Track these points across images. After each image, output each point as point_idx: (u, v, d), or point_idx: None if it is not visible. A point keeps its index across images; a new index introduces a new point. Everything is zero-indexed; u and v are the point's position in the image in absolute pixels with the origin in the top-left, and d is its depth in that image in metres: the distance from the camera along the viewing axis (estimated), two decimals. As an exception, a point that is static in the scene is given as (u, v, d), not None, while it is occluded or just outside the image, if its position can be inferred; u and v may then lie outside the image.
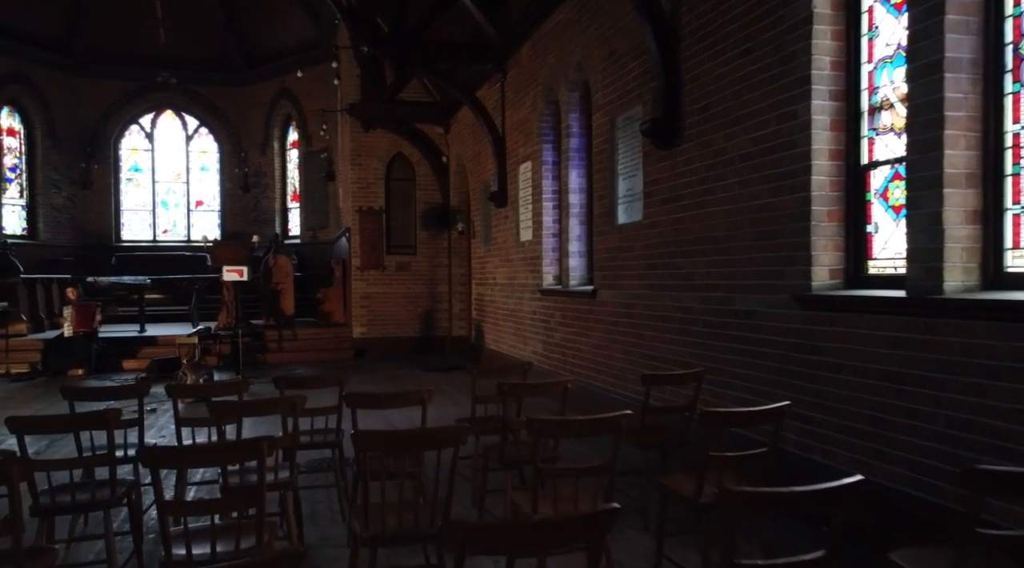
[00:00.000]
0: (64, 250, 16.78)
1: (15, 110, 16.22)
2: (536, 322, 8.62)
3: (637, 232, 6.09)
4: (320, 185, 16.78)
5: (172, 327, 13.11)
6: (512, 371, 4.56)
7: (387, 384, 9.55)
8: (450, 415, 7.09)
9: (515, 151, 9.36)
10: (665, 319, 5.61)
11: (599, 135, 6.86)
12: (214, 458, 2.47)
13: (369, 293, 12.75)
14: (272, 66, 17.43)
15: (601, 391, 6.76)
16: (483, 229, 10.96)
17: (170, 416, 6.76)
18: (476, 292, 11.59)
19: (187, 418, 4.09)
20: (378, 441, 2.52)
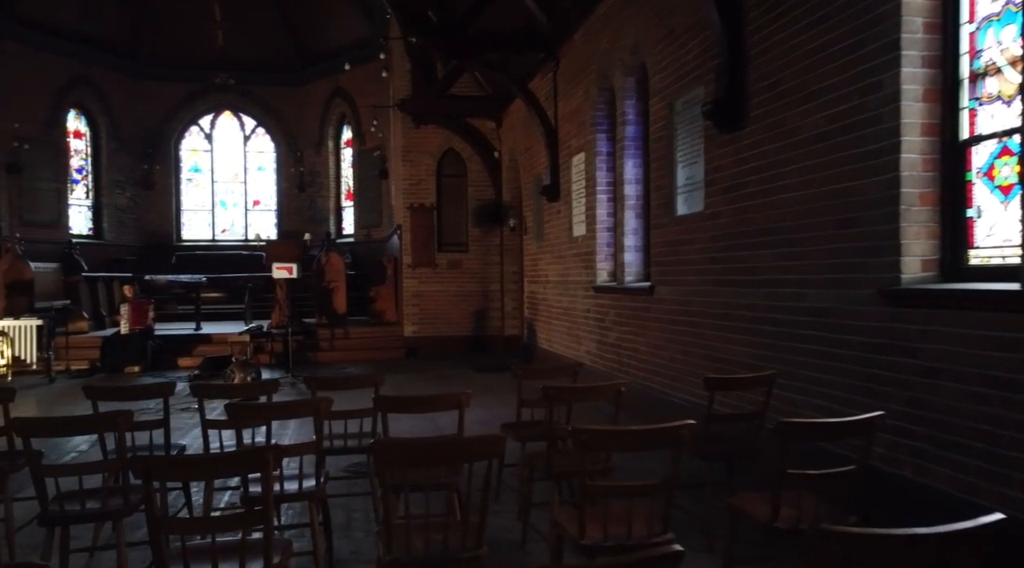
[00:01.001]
0: (127, 249, 17.17)
1: (81, 113, 16.67)
2: (590, 321, 8.23)
3: (697, 224, 5.65)
4: (373, 183, 16.73)
5: (227, 325, 13.18)
6: (560, 373, 4.20)
7: (436, 384, 9.30)
8: (498, 418, 6.76)
9: (567, 142, 8.99)
10: (728, 317, 5.16)
11: (656, 121, 6.43)
12: (214, 469, 2.20)
13: (420, 291, 12.55)
14: (326, 65, 17.46)
15: (659, 394, 6.33)
16: (535, 225, 10.62)
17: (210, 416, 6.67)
18: (528, 290, 11.25)
19: (214, 420, 3.86)
20: (400, 452, 2.20)
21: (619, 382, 3.32)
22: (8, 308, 11.46)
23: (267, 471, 2.05)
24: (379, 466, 2.23)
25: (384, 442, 2.16)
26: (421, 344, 12.40)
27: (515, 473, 4.43)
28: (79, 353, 10.81)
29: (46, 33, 15.19)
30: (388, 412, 3.14)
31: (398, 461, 2.20)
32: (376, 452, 2.15)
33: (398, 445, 2.18)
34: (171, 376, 10.20)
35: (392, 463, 2.20)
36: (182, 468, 2.03)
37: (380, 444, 2.14)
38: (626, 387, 3.32)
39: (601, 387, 3.45)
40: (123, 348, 10.54)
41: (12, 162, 14.54)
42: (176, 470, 2.04)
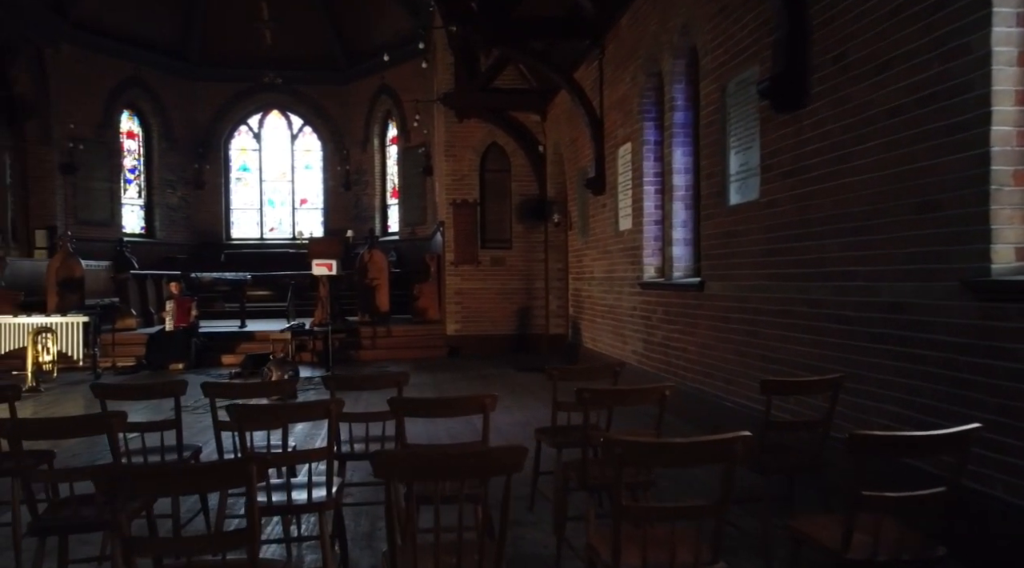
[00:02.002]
0: (178, 248, 17.41)
1: (134, 113, 16.98)
2: (636, 319, 7.82)
3: (752, 213, 5.21)
4: (418, 180, 16.59)
5: (272, 323, 13.15)
6: (600, 373, 3.84)
7: (476, 384, 9.02)
8: (538, 420, 6.43)
9: (613, 133, 8.60)
10: (788, 314, 4.71)
11: (708, 105, 6.00)
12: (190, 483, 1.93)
13: (463, 289, 12.30)
14: (371, 62, 17.36)
15: (710, 398, 5.91)
16: (580, 220, 10.24)
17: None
18: (573, 287, 10.88)
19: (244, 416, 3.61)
20: (404, 465, 1.89)
21: (664, 385, 2.95)
22: (59, 305, 11.65)
23: (250, 485, 1.77)
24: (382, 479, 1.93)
25: (386, 454, 1.86)
26: (463, 343, 12.14)
27: (551, 481, 4.09)
28: (125, 350, 10.89)
29: (100, 35, 15.49)
30: (406, 416, 2.83)
31: (402, 474, 1.89)
32: (377, 464, 1.85)
33: (402, 457, 1.88)
34: (213, 374, 10.18)
35: (395, 476, 1.90)
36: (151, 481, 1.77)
37: (382, 456, 1.84)
38: (671, 390, 2.95)
39: (643, 390, 3.08)
40: (167, 345, 10.57)
41: (67, 162, 14.86)
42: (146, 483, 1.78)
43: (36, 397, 8.32)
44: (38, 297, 11.91)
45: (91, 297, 12.20)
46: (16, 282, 12.04)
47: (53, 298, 11.76)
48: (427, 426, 6.38)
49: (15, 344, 9.17)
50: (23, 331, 9.08)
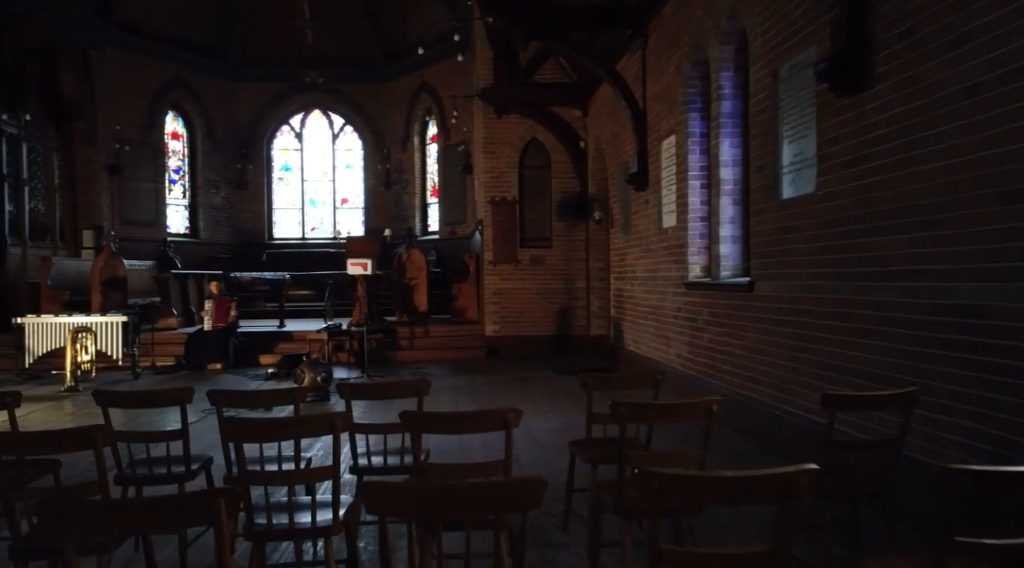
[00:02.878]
0: (221, 248, 17.55)
1: (179, 114, 17.16)
2: (680, 321, 7.43)
3: (807, 207, 4.80)
4: (458, 179, 16.39)
5: (311, 322, 13.07)
6: (639, 382, 3.51)
7: (514, 387, 8.74)
8: (577, 428, 6.12)
9: (656, 125, 8.21)
10: (848, 318, 4.30)
11: (758, 92, 5.60)
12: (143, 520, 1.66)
13: (502, 289, 12.02)
14: (411, 60, 17.24)
15: (759, 406, 5.51)
16: (622, 217, 9.87)
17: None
18: (615, 287, 10.51)
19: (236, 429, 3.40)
20: (402, 500, 1.61)
21: (710, 399, 2.61)
22: (103, 304, 11.76)
23: (219, 521, 1.51)
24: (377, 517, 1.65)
25: (378, 487, 1.57)
26: (502, 344, 11.87)
27: (585, 499, 3.77)
28: (165, 349, 10.91)
29: (143, 38, 15.67)
30: (420, 432, 2.55)
31: (399, 510, 1.61)
32: (369, 499, 1.57)
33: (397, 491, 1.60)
34: (250, 374, 10.12)
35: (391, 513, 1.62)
36: (96, 518, 1.53)
37: (373, 490, 1.56)
38: (718, 405, 2.61)
39: (686, 406, 2.74)
40: (206, 345, 10.54)
41: (114, 163, 15.07)
42: (90, 521, 1.53)
43: (74, 397, 8.33)
44: (83, 296, 12.05)
45: (134, 296, 12.30)
46: (62, 282, 12.20)
47: (97, 297, 11.88)
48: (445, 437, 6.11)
49: (55, 344, 9.23)
50: (63, 331, 9.12)
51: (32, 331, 9.35)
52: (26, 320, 9.40)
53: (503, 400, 7.83)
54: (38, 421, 6.96)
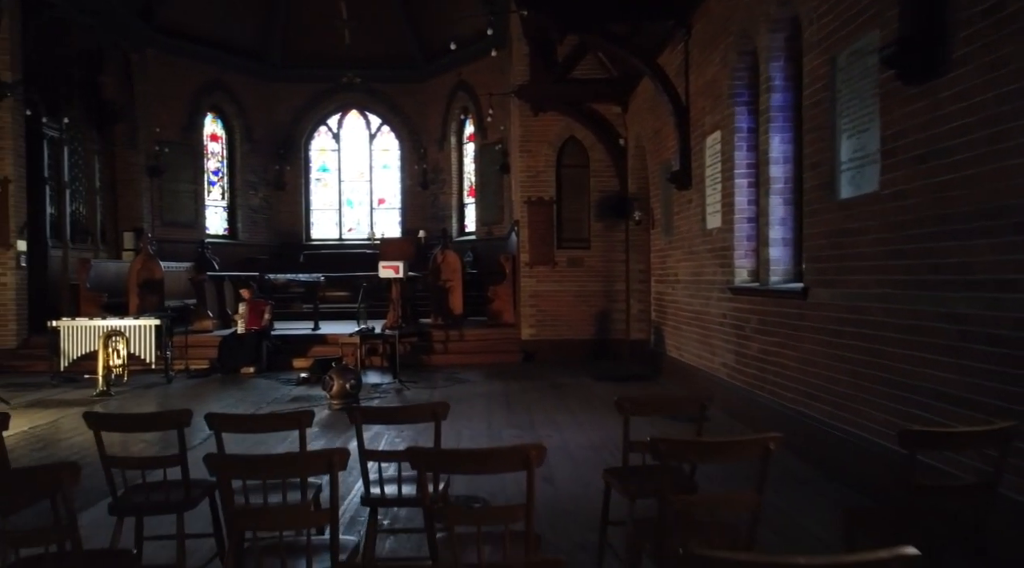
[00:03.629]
0: (260, 249, 17.57)
1: (217, 116, 17.22)
2: (726, 328, 6.99)
3: (871, 207, 4.35)
4: (495, 178, 16.10)
5: (346, 325, 12.90)
6: (683, 406, 3.13)
7: (549, 395, 8.38)
8: (615, 443, 5.75)
9: (700, 121, 7.77)
10: (921, 331, 3.85)
11: (812, 83, 5.15)
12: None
13: (538, 291, 11.68)
14: (448, 59, 17.01)
15: (814, 423, 5.06)
16: (663, 217, 9.44)
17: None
18: (656, 290, 10.08)
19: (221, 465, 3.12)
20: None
21: (767, 436, 2.23)
22: (140, 306, 11.77)
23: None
24: None
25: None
26: (539, 348, 11.53)
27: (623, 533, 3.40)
28: (200, 352, 10.84)
29: (185, 40, 15.73)
30: (426, 470, 2.22)
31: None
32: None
33: None
34: (282, 378, 9.96)
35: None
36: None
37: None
38: (776, 443, 2.23)
39: (739, 445, 2.35)
40: (239, 348, 10.43)
41: (154, 165, 15.15)
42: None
43: (105, 401, 8.26)
44: (121, 299, 12.08)
45: (171, 299, 12.31)
46: (100, 284, 12.25)
47: (134, 300, 11.89)
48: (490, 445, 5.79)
49: (89, 347, 9.19)
50: (95, 334, 9.08)
51: (67, 334, 9.34)
52: (61, 323, 9.39)
53: (538, 409, 7.49)
54: (67, 428, 6.86)
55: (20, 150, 11.20)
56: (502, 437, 6.24)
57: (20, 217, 11.16)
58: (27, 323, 11.16)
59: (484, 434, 6.34)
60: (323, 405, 7.74)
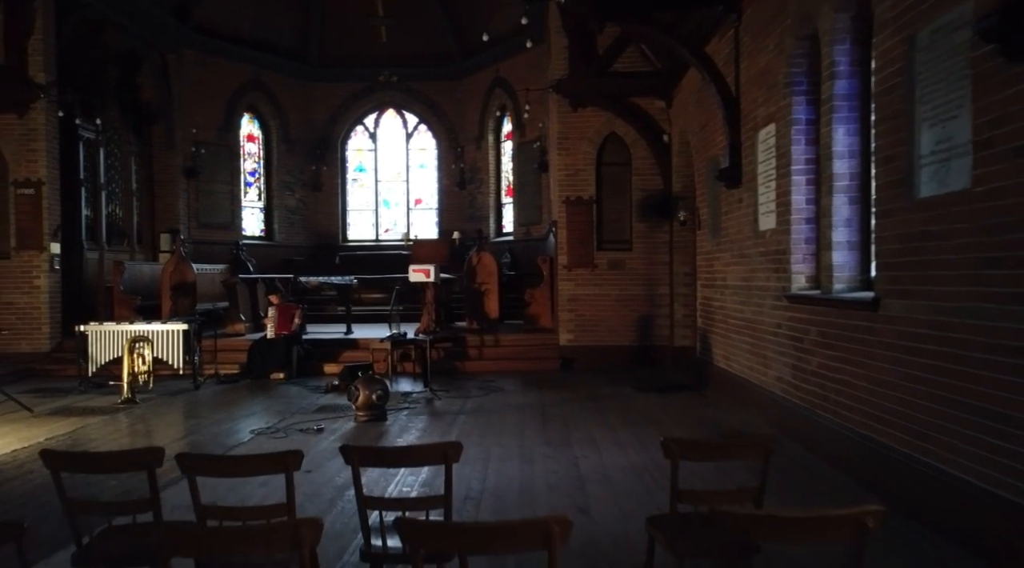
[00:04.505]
0: (296, 250, 17.41)
1: (254, 116, 17.10)
2: (781, 339, 6.40)
3: (959, 207, 3.76)
4: (533, 177, 15.63)
5: (380, 329, 12.56)
6: (741, 452, 2.61)
7: (589, 407, 7.87)
8: (658, 467, 5.22)
9: (752, 114, 7.18)
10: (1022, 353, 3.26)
11: (885, 66, 4.55)
12: None
13: (577, 295, 11.16)
14: (486, 55, 16.62)
15: (888, 452, 4.47)
16: (710, 218, 8.85)
17: (333, 440, 5.61)
18: (702, 295, 9.48)
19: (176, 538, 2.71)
20: None
21: (865, 509, 1.72)
22: (173, 309, 11.61)
23: None
24: None
25: None
26: (577, 354, 11.02)
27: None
28: (230, 356, 10.61)
29: (221, 40, 15.64)
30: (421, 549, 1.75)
31: None
32: None
33: None
34: (312, 384, 9.66)
35: None
36: None
37: None
38: (876, 519, 1.71)
39: (827, 521, 1.82)
40: (268, 354, 10.16)
41: (190, 166, 15.07)
42: None
43: (129, 410, 8.03)
44: (155, 301, 11.96)
45: (205, 301, 12.14)
46: (134, 287, 12.15)
47: (167, 302, 11.74)
48: (521, 468, 5.33)
49: (117, 352, 9.00)
50: (122, 339, 8.88)
51: (94, 339, 9.17)
52: (88, 327, 9.23)
53: (575, 424, 7.00)
54: (89, 437, 6.62)
55: (54, 152, 11.12)
56: (534, 457, 5.76)
57: (53, 219, 11.09)
58: (60, 326, 11.08)
59: (515, 454, 5.87)
60: (350, 416, 7.38)
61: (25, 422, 7.27)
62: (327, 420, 7.28)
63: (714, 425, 6.84)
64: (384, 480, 5.06)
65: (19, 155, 10.84)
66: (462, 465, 5.50)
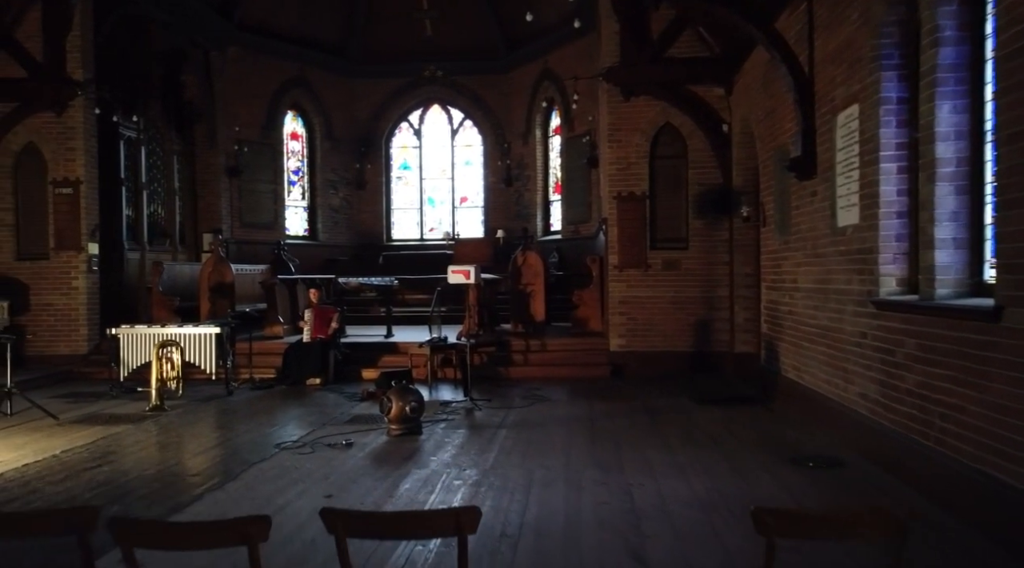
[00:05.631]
0: (340, 250, 17.09)
1: (298, 114, 16.83)
2: (867, 350, 5.59)
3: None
4: (582, 173, 14.94)
5: (422, 331, 12.06)
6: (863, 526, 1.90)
7: (643, 423, 7.16)
8: (729, 504, 4.51)
9: (829, 94, 6.37)
10: None
11: (1010, 26, 3.75)
12: None
13: (629, 297, 10.43)
14: (534, 46, 16.02)
15: (1015, 495, 3.67)
16: (777, 213, 8.03)
17: (347, 460, 5.20)
18: (767, 298, 8.66)
19: None
20: None
21: None
22: (211, 311, 11.32)
23: None
24: None
25: None
26: (629, 361, 10.29)
27: None
28: (264, 360, 10.22)
29: (265, 37, 15.39)
30: None
31: None
32: None
33: None
34: (348, 391, 9.17)
35: None
36: None
37: None
38: None
39: None
40: (304, 359, 9.72)
41: (233, 165, 14.85)
42: None
43: (157, 418, 7.65)
44: (194, 302, 11.69)
45: (244, 302, 11.83)
46: (174, 287, 11.91)
47: (205, 304, 11.47)
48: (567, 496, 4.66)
49: (148, 356, 8.67)
50: (154, 342, 8.54)
51: (126, 342, 8.87)
52: (120, 330, 8.93)
53: (628, 442, 6.31)
54: (107, 449, 6.22)
55: (92, 150, 10.92)
56: (582, 482, 5.10)
57: (92, 219, 10.89)
58: (99, 328, 10.87)
59: (561, 478, 5.22)
60: (382, 429, 6.84)
61: (47, 431, 6.94)
62: (359, 433, 6.75)
63: (787, 447, 6.06)
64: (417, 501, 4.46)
65: (57, 154, 10.67)
66: (500, 492, 4.90)
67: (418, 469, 5.53)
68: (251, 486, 5.12)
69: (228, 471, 5.53)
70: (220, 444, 6.54)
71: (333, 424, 7.26)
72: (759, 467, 5.48)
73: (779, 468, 5.44)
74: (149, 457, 5.98)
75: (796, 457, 5.69)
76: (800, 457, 5.68)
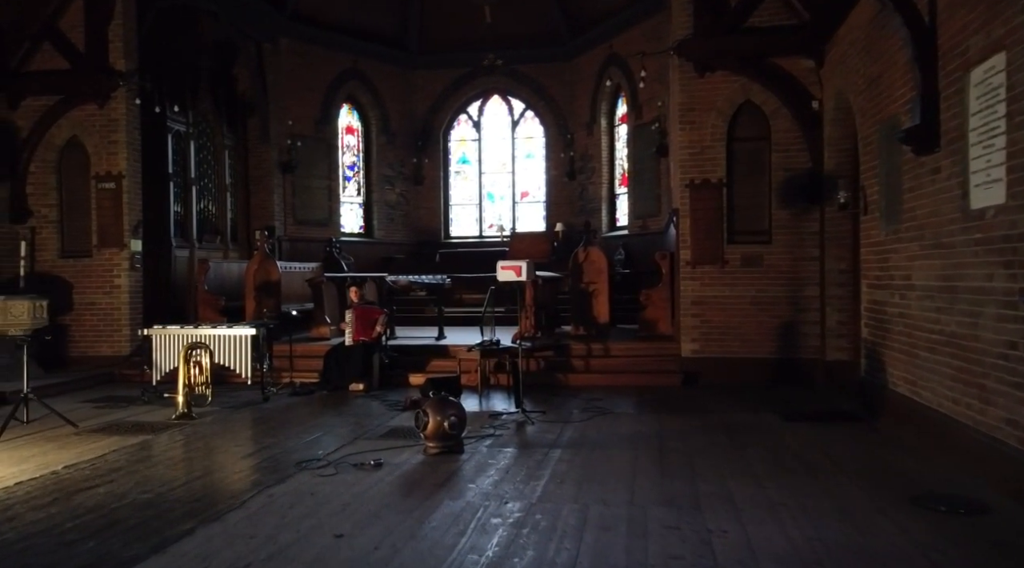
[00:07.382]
0: (396, 248, 16.48)
1: (353, 108, 16.30)
2: (1015, 365, 4.40)
3: None
4: (650, 164, 13.82)
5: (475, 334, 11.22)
6: None
7: (723, 444, 6.09)
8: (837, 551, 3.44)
9: (956, 47, 5.18)
10: None
11: None
12: None
13: (703, 297, 9.31)
14: (599, 30, 15.00)
15: None
16: (883, 198, 6.81)
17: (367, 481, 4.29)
18: (869, 298, 7.42)
19: None
20: None
21: None
22: (256, 310, 10.78)
23: None
24: None
25: None
26: (703, 368, 9.17)
27: None
28: (305, 363, 9.58)
29: (319, 28, 14.90)
30: None
31: None
32: None
33: None
34: (392, 399, 8.41)
35: None
36: None
37: None
38: None
39: None
40: (346, 363, 9.02)
41: (286, 160, 14.40)
42: None
43: (181, 427, 7.04)
44: (240, 301, 11.20)
45: (292, 302, 11.28)
46: (220, 286, 11.46)
47: (250, 303, 10.93)
48: (629, 545, 3.68)
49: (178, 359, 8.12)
50: (180, 345, 7.98)
51: (159, 343, 8.35)
52: (152, 331, 8.41)
53: (705, 469, 5.27)
54: (115, 465, 5.60)
55: (135, 143, 10.53)
56: (648, 525, 4.12)
57: (135, 215, 10.50)
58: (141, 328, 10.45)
59: (622, 517, 4.25)
60: (419, 446, 6.00)
61: (61, 441, 6.40)
62: (392, 450, 5.94)
63: (905, 480, 4.92)
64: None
65: (100, 148, 10.32)
66: (546, 536, 3.97)
67: (451, 500, 4.65)
68: (254, 518, 4.35)
69: (235, 496, 4.78)
70: (236, 461, 5.83)
71: (367, 438, 6.47)
72: (872, 508, 4.37)
73: (898, 510, 4.32)
74: (154, 477, 5.31)
75: (919, 496, 4.55)
76: (925, 496, 4.53)
